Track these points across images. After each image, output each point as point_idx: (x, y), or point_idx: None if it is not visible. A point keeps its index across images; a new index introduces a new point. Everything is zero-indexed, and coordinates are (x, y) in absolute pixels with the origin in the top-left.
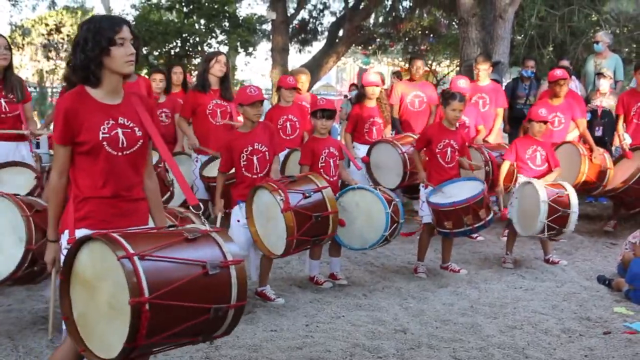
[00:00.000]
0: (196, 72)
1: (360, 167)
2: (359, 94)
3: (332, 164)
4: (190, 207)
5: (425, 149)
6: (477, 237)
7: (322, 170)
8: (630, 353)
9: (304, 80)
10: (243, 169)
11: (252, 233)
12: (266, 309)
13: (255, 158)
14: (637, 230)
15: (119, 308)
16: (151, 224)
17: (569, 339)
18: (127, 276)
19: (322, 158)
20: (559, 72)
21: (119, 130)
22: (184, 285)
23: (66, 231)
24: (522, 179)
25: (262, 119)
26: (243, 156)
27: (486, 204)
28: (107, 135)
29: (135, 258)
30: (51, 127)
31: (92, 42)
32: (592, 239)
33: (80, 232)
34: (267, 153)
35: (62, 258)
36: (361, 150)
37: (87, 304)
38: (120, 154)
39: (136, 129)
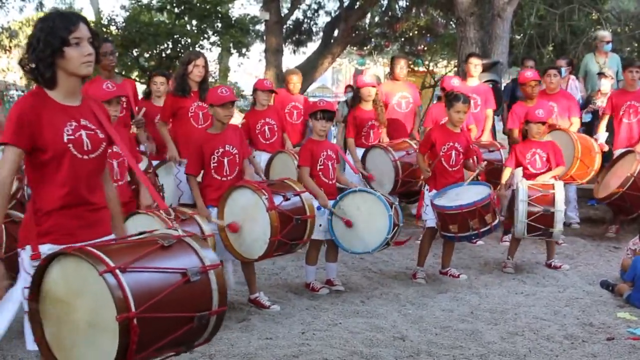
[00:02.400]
0: (174, 75)
1: (358, 171)
2: (355, 96)
3: (330, 166)
4: (161, 212)
5: (429, 152)
6: (477, 241)
7: (320, 173)
8: (634, 359)
9: (295, 80)
10: (213, 172)
11: (223, 238)
12: (261, 317)
13: (225, 160)
14: (638, 236)
15: (101, 325)
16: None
17: (572, 345)
18: (112, 291)
19: (321, 160)
20: (529, 74)
21: (83, 132)
22: (168, 295)
23: (27, 247)
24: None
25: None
26: (214, 158)
27: (492, 209)
28: (72, 137)
29: (118, 271)
30: None
31: (44, 42)
32: (594, 243)
33: (44, 248)
34: (237, 156)
35: (26, 277)
36: (359, 154)
37: (60, 323)
38: (85, 157)
39: (98, 131)
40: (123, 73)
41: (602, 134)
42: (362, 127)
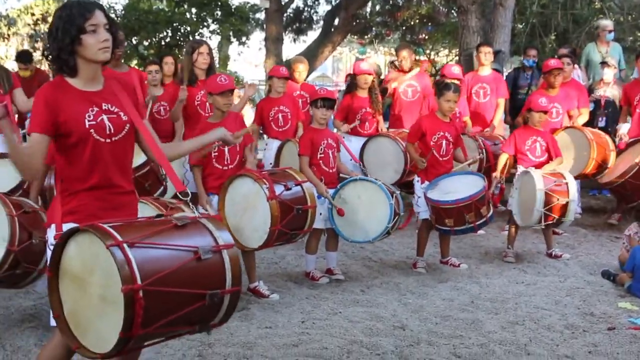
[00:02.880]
0: (180, 66)
1: (358, 160)
2: (351, 83)
3: (331, 155)
4: (179, 195)
5: (418, 142)
6: (477, 231)
7: (321, 161)
8: (635, 349)
9: (301, 69)
10: (214, 160)
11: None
12: (261, 306)
13: (226, 149)
14: (634, 223)
15: (111, 299)
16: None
17: (572, 335)
18: (118, 264)
19: (321, 149)
20: (553, 62)
21: (104, 117)
22: (177, 271)
23: (53, 225)
24: (520, 169)
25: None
26: (215, 147)
27: (487, 201)
28: (94, 123)
29: (125, 245)
30: None
31: (62, 30)
32: (595, 233)
33: (67, 227)
34: (237, 144)
35: (49, 253)
36: (352, 141)
37: (77, 299)
38: (108, 140)
39: (121, 114)
40: (123, 61)
41: (624, 124)
42: (355, 114)
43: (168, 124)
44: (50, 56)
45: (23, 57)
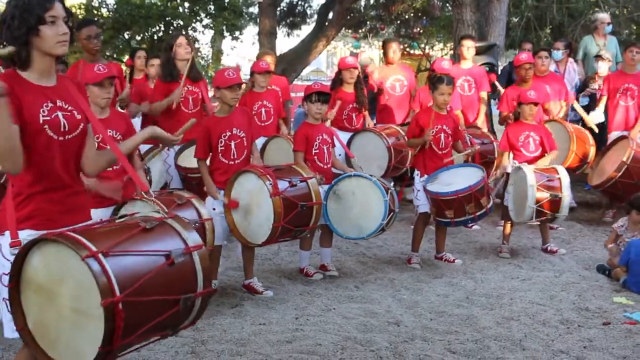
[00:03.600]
0: (159, 62)
1: (353, 155)
2: (336, 78)
3: (325, 151)
4: (142, 193)
5: (417, 136)
6: (472, 225)
7: (315, 157)
8: (630, 344)
9: (269, 61)
10: (220, 155)
11: (229, 222)
12: (254, 302)
13: (233, 144)
14: (623, 218)
15: (86, 311)
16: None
17: (568, 330)
18: (95, 276)
19: (316, 144)
20: (523, 57)
21: (59, 113)
22: (152, 278)
23: (6, 232)
24: (515, 164)
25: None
26: (221, 141)
27: (487, 191)
28: (48, 118)
29: (100, 256)
30: None
31: (19, 19)
32: (591, 228)
33: (24, 234)
34: (244, 139)
35: (4, 263)
36: (341, 137)
37: (44, 311)
38: (62, 138)
39: (75, 112)
40: (114, 56)
41: (597, 113)
42: (343, 109)
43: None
44: (1, 46)
45: None
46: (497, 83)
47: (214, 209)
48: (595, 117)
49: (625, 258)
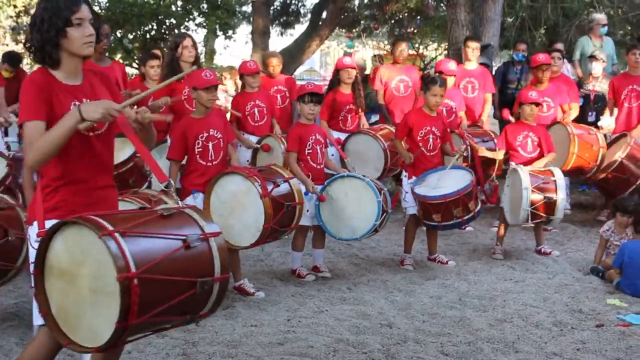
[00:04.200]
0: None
1: (346, 155)
2: (333, 79)
3: (319, 151)
4: (161, 186)
5: (406, 137)
6: (465, 227)
7: (309, 157)
8: (623, 346)
9: (275, 63)
10: (197, 157)
11: None
12: (246, 304)
13: (210, 145)
14: (608, 222)
15: (103, 289)
16: None
17: (561, 332)
18: (111, 253)
19: (309, 145)
20: (541, 57)
21: None
22: (168, 258)
23: (35, 223)
24: (512, 165)
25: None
26: (198, 143)
27: (475, 195)
28: None
29: (117, 234)
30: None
31: (48, 22)
32: (585, 229)
33: (50, 223)
34: (221, 140)
35: (32, 252)
36: (334, 137)
37: (66, 295)
38: (91, 134)
39: None
40: (107, 55)
41: (606, 118)
42: (340, 110)
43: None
44: (33, 47)
45: (12, 59)
46: (511, 117)
47: None
48: (605, 122)
49: (619, 260)
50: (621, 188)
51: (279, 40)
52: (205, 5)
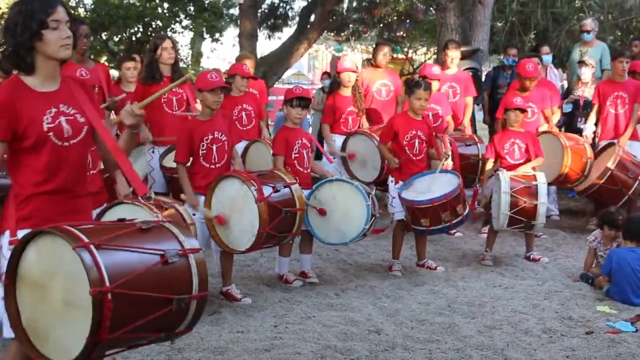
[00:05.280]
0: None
1: (333, 160)
2: (334, 82)
3: (305, 155)
4: (140, 198)
5: (391, 142)
6: (455, 233)
7: (295, 161)
8: (613, 353)
9: (248, 65)
10: (201, 159)
11: (209, 228)
12: (232, 309)
13: (214, 147)
14: (594, 232)
15: (76, 303)
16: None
17: (550, 339)
18: (85, 266)
19: (296, 149)
20: (530, 67)
21: (62, 119)
22: (144, 274)
23: (7, 232)
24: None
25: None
26: (203, 145)
27: (463, 199)
28: (52, 126)
29: (92, 247)
30: None
31: (22, 25)
32: (574, 235)
33: (23, 233)
34: (226, 143)
35: (3, 262)
36: (337, 141)
37: (36, 307)
38: (66, 143)
39: (78, 115)
40: (92, 57)
41: (590, 125)
42: (341, 113)
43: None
44: (6, 52)
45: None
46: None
47: (194, 214)
48: (588, 129)
49: (608, 267)
50: (614, 198)
51: (267, 44)
52: (192, 8)
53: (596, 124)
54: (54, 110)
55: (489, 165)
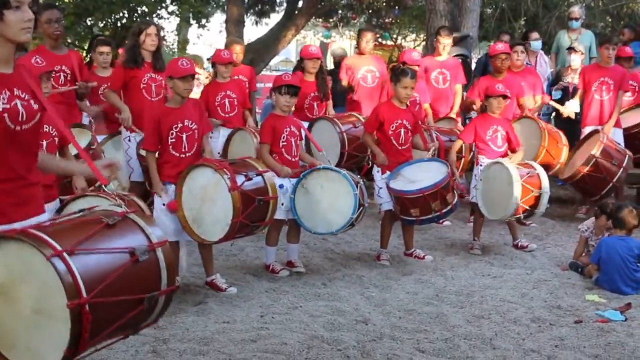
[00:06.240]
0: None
1: (322, 149)
2: (297, 66)
3: (293, 143)
4: (103, 187)
5: (377, 131)
6: (443, 221)
7: (283, 149)
8: (602, 342)
9: (238, 51)
10: (170, 148)
11: (180, 218)
12: (218, 300)
13: (184, 136)
14: (586, 221)
15: (48, 312)
16: (47, 212)
17: (539, 328)
18: (61, 277)
19: (284, 137)
20: (500, 46)
21: (18, 102)
22: (118, 277)
23: None
24: (485, 160)
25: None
26: (172, 133)
27: (452, 187)
28: (7, 107)
29: (65, 255)
30: None
31: None
32: (564, 224)
33: None
34: (196, 131)
35: None
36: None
37: (1, 312)
38: (18, 128)
39: (32, 101)
40: (76, 43)
41: (574, 102)
42: (304, 99)
43: (114, 107)
44: None
45: None
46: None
47: (163, 205)
48: (571, 106)
49: (597, 256)
50: (598, 187)
51: (254, 30)
52: None
53: (580, 110)
54: (8, 92)
55: (457, 145)
